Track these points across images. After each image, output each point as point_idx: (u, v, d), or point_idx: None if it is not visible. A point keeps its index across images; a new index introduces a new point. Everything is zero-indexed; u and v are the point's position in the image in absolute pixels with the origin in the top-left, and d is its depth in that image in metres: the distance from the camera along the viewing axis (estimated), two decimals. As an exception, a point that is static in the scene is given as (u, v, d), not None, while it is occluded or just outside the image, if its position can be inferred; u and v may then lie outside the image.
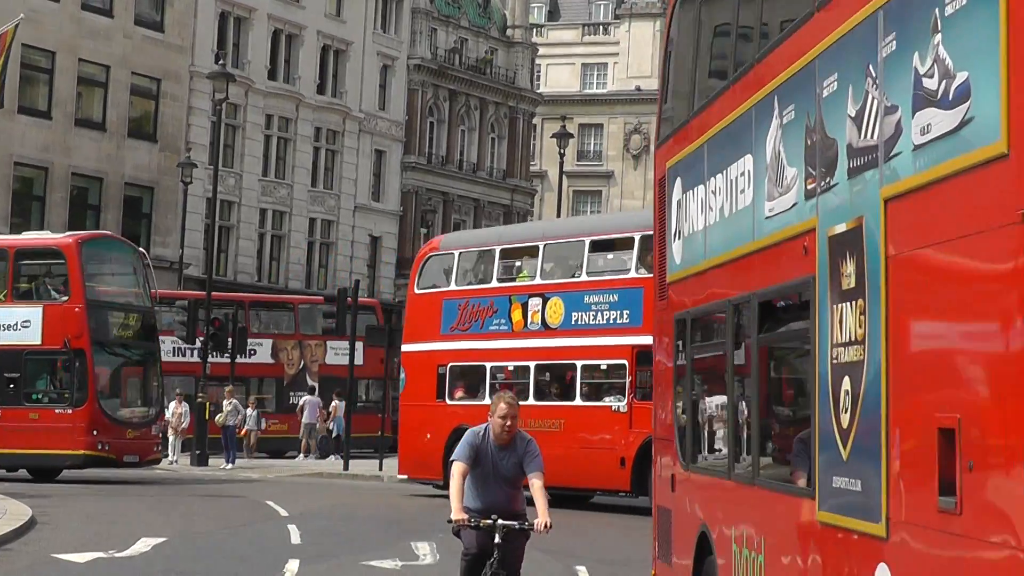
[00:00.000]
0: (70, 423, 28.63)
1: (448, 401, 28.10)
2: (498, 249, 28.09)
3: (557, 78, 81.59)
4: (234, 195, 57.37)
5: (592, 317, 25.59)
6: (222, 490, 30.71)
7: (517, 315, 26.71)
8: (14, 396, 29.73)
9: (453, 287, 28.57)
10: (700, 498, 11.94)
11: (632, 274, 24.82)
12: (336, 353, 42.60)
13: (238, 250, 58.39)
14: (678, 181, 12.39)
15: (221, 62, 44.58)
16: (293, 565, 17.73)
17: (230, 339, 39.63)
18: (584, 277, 26.05)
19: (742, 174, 9.74)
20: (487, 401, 22.03)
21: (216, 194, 42.45)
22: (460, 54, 69.43)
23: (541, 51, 77.34)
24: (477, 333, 27.56)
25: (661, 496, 13.77)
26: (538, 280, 26.94)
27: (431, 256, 30.05)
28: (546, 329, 26.32)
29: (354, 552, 19.59)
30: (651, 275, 20.65)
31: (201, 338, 39.45)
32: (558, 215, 51.77)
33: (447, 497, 17.07)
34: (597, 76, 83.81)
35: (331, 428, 44.37)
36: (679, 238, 12.24)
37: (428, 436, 27.96)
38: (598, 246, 26.32)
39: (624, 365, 24.95)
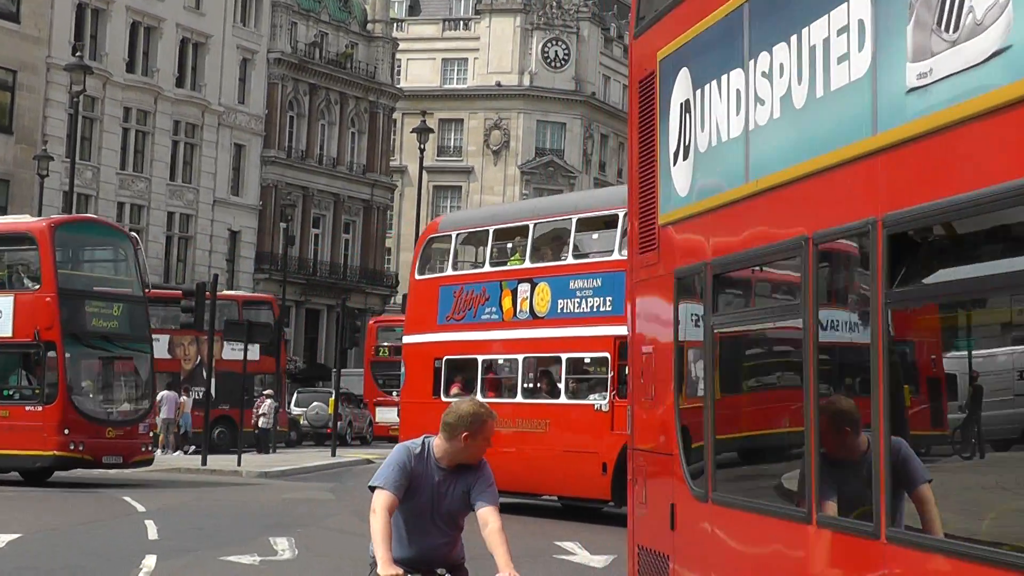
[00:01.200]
0: (40, 421, 26.10)
1: (443, 398, 23.88)
2: (492, 230, 24.86)
3: (417, 73, 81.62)
4: (91, 188, 56.80)
5: (576, 305, 22.29)
6: (80, 486, 29.27)
7: (507, 303, 23.53)
8: None
9: (450, 272, 25.87)
10: (731, 548, 8.53)
11: (615, 255, 21.26)
12: (233, 349, 41.72)
13: (95, 244, 56.37)
14: (683, 74, 9.08)
15: (79, 54, 44.04)
16: (150, 561, 17.46)
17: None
18: (570, 260, 22.82)
19: (842, 30, 6.45)
20: (479, 399, 22.92)
21: (73, 187, 41.67)
22: (320, 48, 69.49)
23: (401, 46, 77.47)
24: (471, 323, 24.52)
25: (647, 534, 10.44)
26: (527, 264, 23.62)
27: (430, 238, 27.13)
28: (534, 318, 23.24)
29: (212, 547, 19.36)
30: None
31: None
32: (418, 211, 51.33)
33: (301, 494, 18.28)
34: (457, 71, 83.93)
35: (180, 424, 44.23)
36: (685, 158, 8.90)
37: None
38: (585, 224, 23.00)
39: (606, 359, 21.92)
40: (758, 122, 7.65)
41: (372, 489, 7.10)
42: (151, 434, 29.42)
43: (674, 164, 9.27)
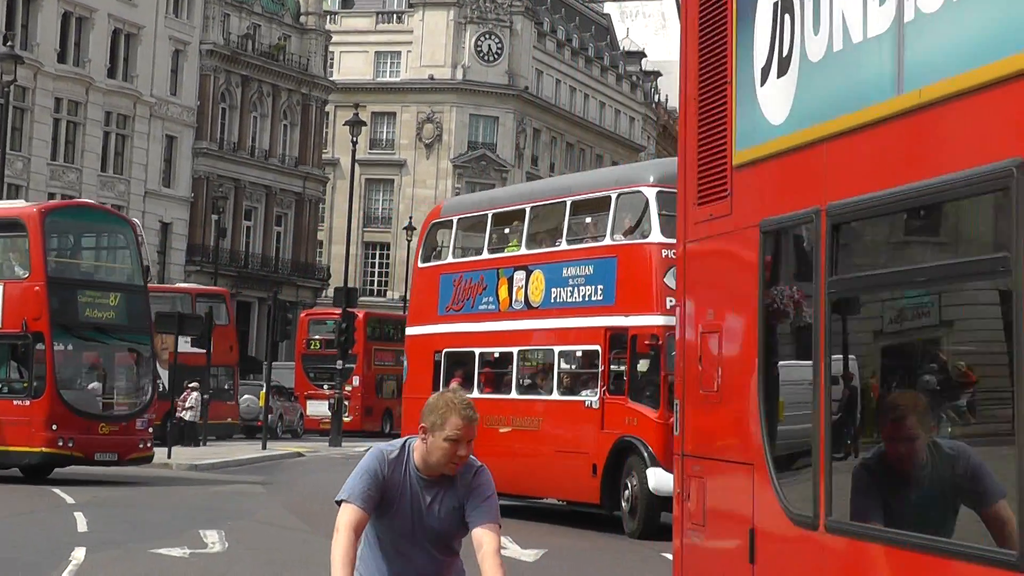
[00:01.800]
0: (28, 416, 24.52)
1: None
2: (490, 214, 22.92)
3: (350, 66, 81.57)
4: (22, 179, 56.13)
5: (569, 294, 20.32)
6: (8, 477, 28.06)
7: (503, 292, 21.60)
8: None
9: (450, 260, 23.61)
10: None
11: (606, 240, 19.73)
12: (185, 342, 40.65)
13: (27, 234, 55.96)
14: None
15: (9, 44, 43.66)
16: (79, 553, 17.36)
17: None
18: (564, 245, 20.88)
19: None
20: (476, 394, 20.48)
21: (3, 178, 40.93)
22: (253, 40, 69.24)
23: (334, 38, 77.35)
24: (469, 314, 22.56)
25: (707, 567, 8.42)
26: (523, 250, 21.59)
27: (433, 224, 24.87)
28: (528, 308, 21.29)
29: (141, 540, 19.39)
30: (627, 242, 18.63)
31: None
32: (350, 204, 51.52)
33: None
34: (390, 65, 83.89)
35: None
36: (783, 73, 6.76)
37: None
38: (579, 208, 20.98)
39: (597, 352, 19.85)
40: (921, 7, 5.56)
41: (338, 504, 5.63)
42: (150, 430, 27.05)
43: (762, 83, 7.28)
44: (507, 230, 22.09)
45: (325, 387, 49.99)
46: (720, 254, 8.26)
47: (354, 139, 52.11)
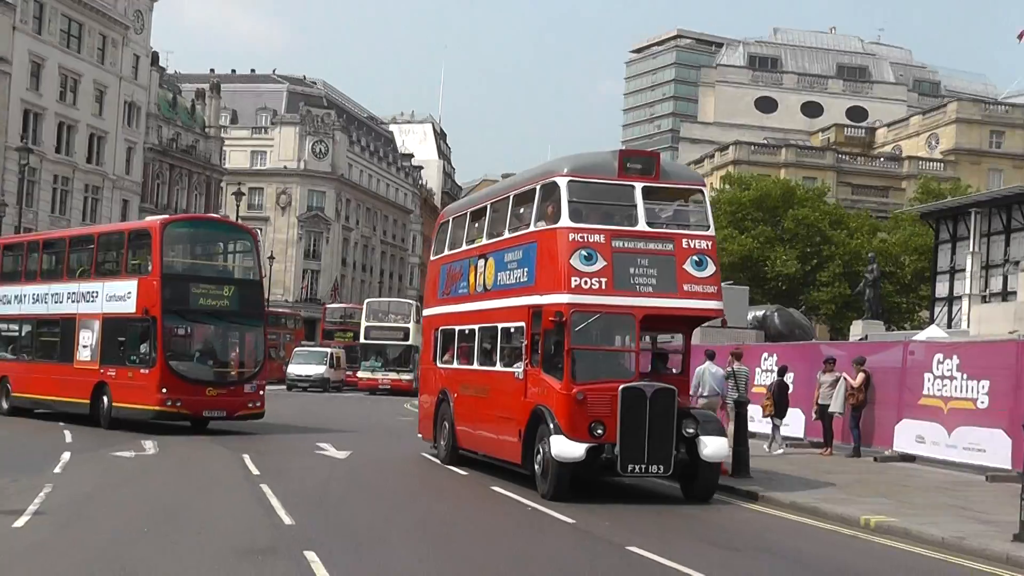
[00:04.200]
0: (146, 382, 21.37)
1: (438, 364, 18.61)
2: (469, 212, 18.49)
3: (236, 158, 79.54)
4: (32, 224, 52.07)
5: (508, 277, 15.89)
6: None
7: (472, 277, 17.28)
8: (121, 358, 22.42)
9: (446, 252, 19.10)
10: None
11: (531, 228, 15.05)
12: None
13: None
14: None
15: (24, 140, 43.86)
16: (66, 455, 17.15)
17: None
18: (506, 234, 16.16)
19: None
20: (456, 365, 17.53)
21: (21, 224, 39.71)
22: (176, 142, 68.06)
23: (226, 142, 76.30)
24: (453, 297, 18.26)
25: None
26: (484, 241, 17.28)
27: (440, 224, 20.24)
28: (485, 291, 16.73)
29: (104, 447, 18.77)
30: (543, 228, 14.44)
31: None
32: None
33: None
34: (260, 159, 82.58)
35: None
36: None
37: (427, 399, 19.43)
38: (517, 200, 16.15)
39: (523, 328, 15.01)
40: None
41: None
42: (261, 393, 22.76)
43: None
44: (477, 224, 17.93)
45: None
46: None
47: (238, 203, 54.49)
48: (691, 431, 13.77)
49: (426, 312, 20.11)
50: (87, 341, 23.15)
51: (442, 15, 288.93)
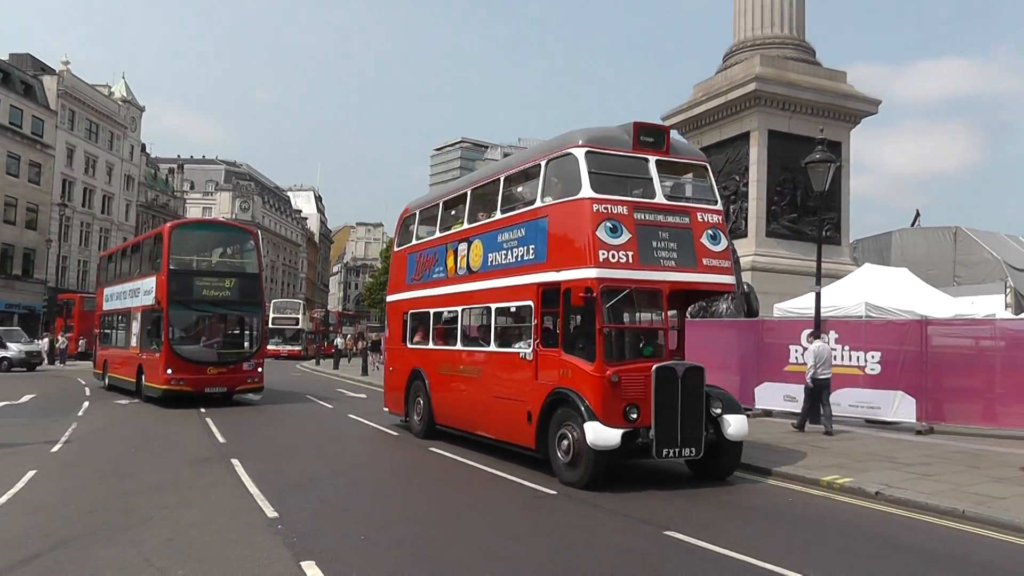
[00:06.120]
0: (156, 364, 18.14)
1: (408, 345, 14.01)
2: (440, 202, 13.42)
3: (193, 213, 70.86)
4: (68, 253, 49.16)
5: (504, 256, 10.97)
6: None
7: (451, 261, 12.50)
8: (147, 343, 18.89)
9: (414, 242, 14.18)
10: None
11: (537, 203, 10.22)
12: None
13: None
14: None
15: (62, 201, 39.74)
16: (86, 404, 17.12)
17: None
18: (498, 215, 11.24)
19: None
20: (431, 346, 12.98)
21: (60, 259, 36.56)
22: (157, 200, 63.31)
23: (187, 202, 70.07)
24: (426, 282, 13.40)
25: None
26: (465, 225, 12.20)
27: (404, 218, 15.00)
28: (470, 273, 11.87)
29: (109, 398, 18.60)
30: (558, 202, 9.58)
31: None
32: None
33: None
34: (208, 213, 76.85)
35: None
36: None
37: (396, 376, 14.61)
38: (511, 181, 11.31)
39: (530, 307, 10.23)
40: None
41: None
42: (259, 370, 18.92)
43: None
44: (453, 212, 13.00)
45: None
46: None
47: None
48: (718, 410, 9.63)
49: (392, 298, 14.88)
50: (135, 330, 19.99)
51: (321, 120, 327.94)
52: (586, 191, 9.15)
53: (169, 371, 17.62)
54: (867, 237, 24.03)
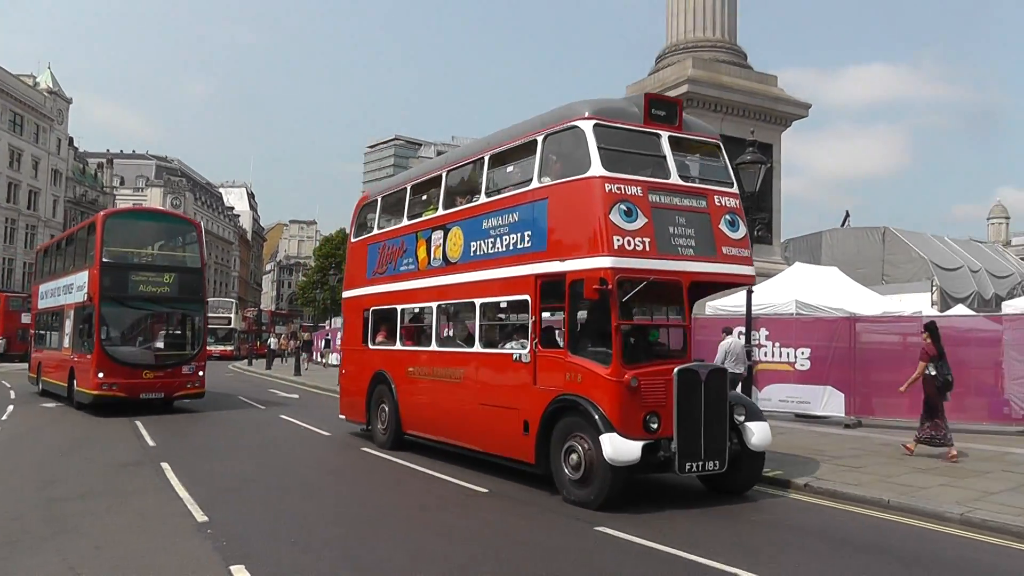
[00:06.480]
0: (87, 367, 15.84)
1: (370, 345, 12.01)
2: (408, 187, 11.35)
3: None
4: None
5: (491, 245, 9.08)
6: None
7: (422, 252, 10.56)
8: (80, 344, 16.53)
9: (375, 232, 12.03)
10: None
11: (534, 184, 8.47)
12: None
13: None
14: None
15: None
16: (10, 407, 16.18)
17: None
18: (483, 199, 9.34)
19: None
20: (399, 346, 11.21)
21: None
22: (85, 196, 59.83)
23: (117, 197, 66.37)
24: (392, 275, 11.42)
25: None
26: (440, 211, 10.27)
27: (362, 206, 12.73)
28: (447, 265, 9.98)
29: (36, 401, 17.75)
30: (561, 181, 8.12)
31: None
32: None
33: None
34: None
35: None
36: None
37: (355, 380, 12.53)
38: (498, 160, 9.26)
39: (526, 301, 8.45)
40: None
41: None
42: (200, 374, 16.60)
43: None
44: (424, 197, 11.05)
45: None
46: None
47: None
48: (740, 417, 8.39)
49: (349, 294, 12.90)
50: (67, 329, 17.81)
51: (254, 116, 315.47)
52: (596, 169, 7.74)
53: (101, 375, 15.46)
54: (798, 237, 23.61)
